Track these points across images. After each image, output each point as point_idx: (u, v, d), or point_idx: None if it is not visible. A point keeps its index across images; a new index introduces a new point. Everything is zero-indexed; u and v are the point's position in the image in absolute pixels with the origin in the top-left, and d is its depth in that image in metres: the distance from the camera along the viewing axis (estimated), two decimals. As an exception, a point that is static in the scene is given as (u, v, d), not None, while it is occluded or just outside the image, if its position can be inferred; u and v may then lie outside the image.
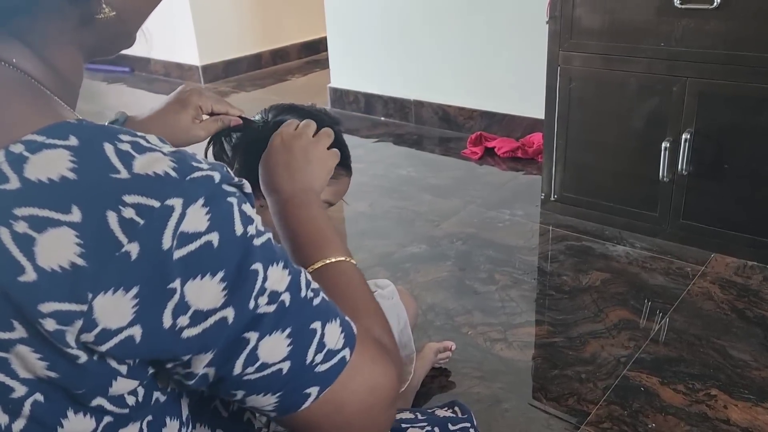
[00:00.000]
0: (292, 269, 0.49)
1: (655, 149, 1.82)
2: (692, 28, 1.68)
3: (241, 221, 0.44)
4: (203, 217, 0.42)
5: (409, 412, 0.98)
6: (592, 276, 1.78)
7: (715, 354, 1.45)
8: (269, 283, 0.46)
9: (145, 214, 0.40)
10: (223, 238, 0.43)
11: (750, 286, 1.69)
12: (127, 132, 0.44)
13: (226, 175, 0.45)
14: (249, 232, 0.45)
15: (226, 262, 0.43)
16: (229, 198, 0.44)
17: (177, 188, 0.42)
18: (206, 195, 0.43)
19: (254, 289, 0.45)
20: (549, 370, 1.44)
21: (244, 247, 0.44)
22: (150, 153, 0.43)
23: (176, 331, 0.42)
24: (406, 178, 2.52)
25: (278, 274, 0.47)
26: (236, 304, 0.44)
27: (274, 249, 0.48)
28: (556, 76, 1.95)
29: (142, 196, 0.40)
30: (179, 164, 0.43)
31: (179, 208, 0.41)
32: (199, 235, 0.42)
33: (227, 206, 0.44)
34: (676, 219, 1.88)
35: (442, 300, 1.71)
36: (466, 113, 2.91)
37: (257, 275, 0.45)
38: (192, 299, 0.42)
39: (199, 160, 0.45)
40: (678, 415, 1.28)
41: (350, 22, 3.20)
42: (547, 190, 2.11)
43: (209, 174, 0.44)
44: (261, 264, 0.45)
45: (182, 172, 0.42)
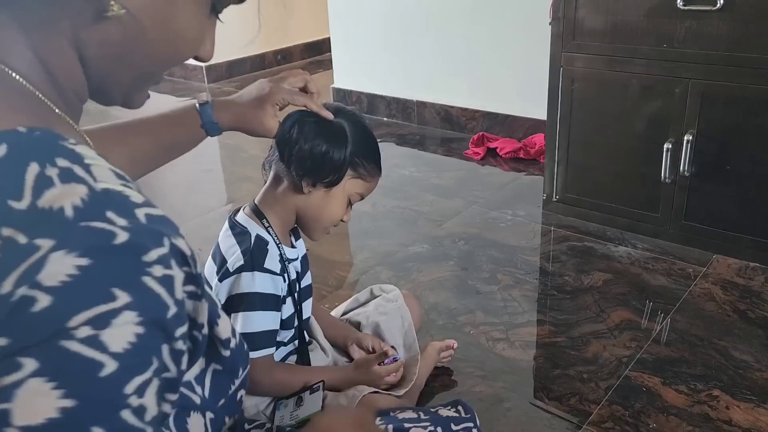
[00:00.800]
0: (68, 416, 0.35)
1: (657, 150, 1.82)
2: (695, 29, 1.68)
3: (94, 319, 0.35)
4: (63, 270, 0.35)
5: (412, 411, 0.99)
6: (593, 276, 1.79)
7: (717, 355, 1.46)
8: (21, 391, 0.34)
9: (5, 249, 0.35)
10: (49, 310, 0.34)
11: (752, 288, 1.70)
12: (74, 156, 0.38)
13: (141, 246, 0.37)
14: (79, 333, 0.35)
15: (14, 333, 0.34)
16: (119, 290, 0.36)
17: (58, 229, 0.35)
18: (90, 251, 0.35)
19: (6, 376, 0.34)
20: (551, 369, 1.44)
21: (50, 338, 0.35)
22: (74, 184, 0.37)
23: None
24: (408, 178, 2.52)
25: (42, 396, 0.35)
26: None
27: (83, 375, 0.35)
28: (558, 77, 1.96)
29: (17, 230, 0.35)
30: (89, 206, 0.37)
31: (43, 250, 0.35)
32: (35, 285, 0.34)
33: (101, 292, 0.35)
34: (678, 220, 1.88)
35: (445, 299, 1.71)
36: (469, 114, 2.91)
37: (16, 369, 0.34)
38: None
39: (130, 215, 0.38)
40: (680, 416, 1.29)
41: (353, 22, 3.21)
42: (549, 191, 2.12)
43: (112, 231, 0.36)
44: (36, 364, 0.35)
45: (82, 215, 0.36)
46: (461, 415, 1.00)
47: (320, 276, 1.84)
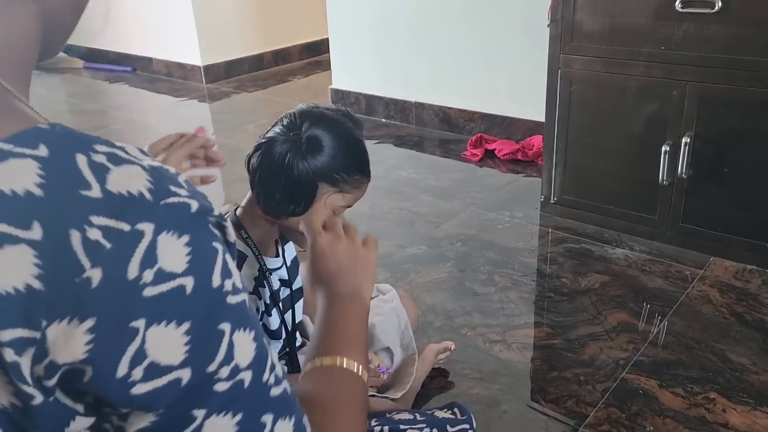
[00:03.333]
0: (259, 343, 0.44)
1: (655, 152, 1.82)
2: (693, 32, 1.68)
3: (221, 272, 0.40)
4: (182, 253, 0.39)
5: (409, 413, 0.99)
6: (591, 278, 1.79)
7: (714, 357, 1.46)
8: (236, 350, 0.41)
9: (113, 238, 0.36)
10: (198, 285, 0.39)
11: (749, 290, 1.70)
12: (104, 141, 0.40)
13: (205, 207, 0.41)
14: (225, 286, 0.41)
15: (194, 314, 0.39)
16: (215, 243, 0.41)
17: (149, 212, 0.38)
18: (181, 226, 0.39)
19: (218, 352, 0.40)
20: (548, 371, 1.44)
21: (217, 301, 0.40)
22: (127, 166, 0.39)
23: (128, 383, 0.38)
24: (406, 179, 2.52)
25: (245, 343, 0.42)
26: (195, 365, 0.39)
27: (247, 313, 0.43)
28: (556, 79, 1.96)
29: (111, 217, 0.37)
30: (156, 185, 0.39)
31: (149, 234, 0.37)
32: (174, 275, 0.38)
33: (211, 252, 0.40)
34: (675, 222, 1.88)
35: (442, 301, 1.71)
36: (467, 115, 2.91)
37: (223, 337, 0.40)
38: (151, 348, 0.38)
39: (179, 183, 0.41)
40: (677, 418, 1.29)
41: (352, 23, 3.21)
42: (546, 193, 2.12)
43: (186, 202, 0.40)
44: (229, 325, 0.41)
45: (157, 195, 0.39)
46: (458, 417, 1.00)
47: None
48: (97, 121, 3.51)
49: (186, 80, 4.27)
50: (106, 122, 3.50)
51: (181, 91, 4.02)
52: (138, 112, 3.72)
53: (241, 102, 3.76)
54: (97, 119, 3.54)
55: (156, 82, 4.30)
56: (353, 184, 1.00)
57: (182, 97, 3.90)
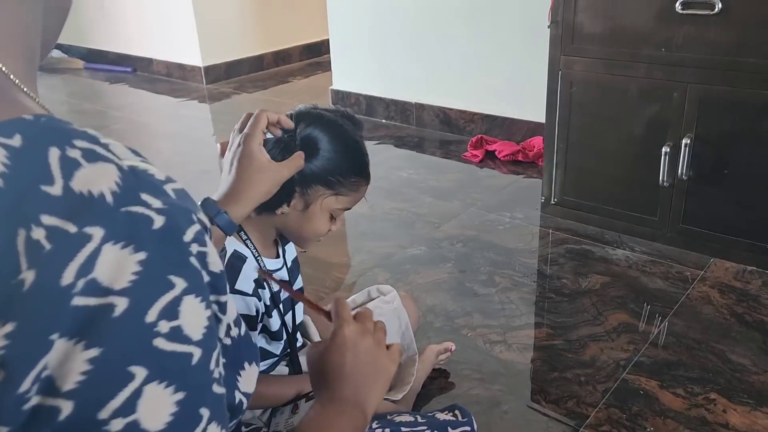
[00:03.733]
0: (187, 413, 0.37)
1: (656, 154, 1.82)
2: (693, 34, 1.69)
3: (163, 310, 0.36)
4: (127, 270, 0.35)
5: (409, 415, 0.99)
6: (591, 279, 1.79)
7: (715, 358, 1.46)
8: (141, 404, 0.35)
9: (56, 239, 0.34)
10: (129, 311, 0.35)
11: (749, 291, 1.70)
12: (90, 137, 0.38)
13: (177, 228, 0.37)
14: (160, 327, 0.36)
15: (110, 342, 0.34)
16: (173, 276, 0.36)
17: (104, 216, 0.35)
18: (138, 241, 0.35)
19: (116, 396, 0.35)
20: (548, 372, 1.44)
21: (142, 339, 0.35)
22: (102, 164, 0.37)
23: (24, 398, 0.34)
24: (406, 180, 2.52)
25: (160, 401, 0.36)
26: (81, 402, 0.34)
27: (179, 370, 0.37)
28: (557, 81, 1.96)
29: (62, 218, 0.34)
30: (124, 188, 0.36)
31: (97, 240, 0.34)
32: (107, 291, 0.34)
33: (162, 284, 0.36)
34: (675, 223, 1.89)
35: (442, 302, 1.71)
36: (467, 116, 2.91)
37: (129, 381, 0.35)
38: (51, 362, 0.34)
39: (159, 192, 0.37)
40: (677, 419, 1.29)
41: (352, 24, 3.21)
42: (547, 194, 2.12)
43: (149, 215, 0.36)
44: (146, 372, 0.35)
45: (120, 200, 0.36)
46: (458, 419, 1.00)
47: (318, 278, 1.84)
48: (97, 121, 3.51)
49: (186, 81, 4.27)
50: (106, 123, 3.50)
51: (181, 92, 4.02)
52: (138, 113, 3.72)
53: (242, 103, 3.76)
54: (97, 120, 3.54)
55: (156, 82, 4.30)
56: (350, 186, 0.99)
57: (182, 98, 3.90)
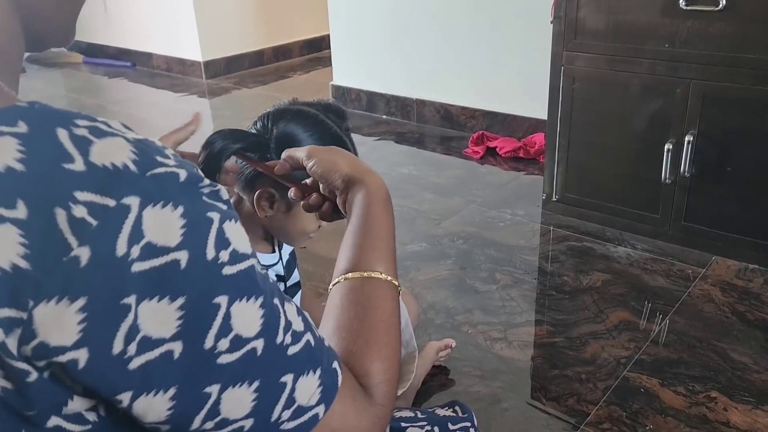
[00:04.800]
0: (268, 308, 0.43)
1: (658, 151, 1.81)
2: (697, 29, 1.68)
3: (216, 243, 0.39)
4: (175, 226, 0.38)
5: (410, 410, 0.98)
6: (592, 277, 1.78)
7: (716, 356, 1.45)
8: (234, 321, 0.40)
9: (99, 215, 0.36)
10: (192, 259, 0.38)
11: (751, 289, 1.69)
12: (85, 116, 0.40)
13: (195, 176, 0.40)
14: (221, 258, 0.40)
15: (189, 289, 0.38)
16: (210, 213, 0.40)
17: (135, 185, 0.37)
18: (172, 197, 0.38)
19: (212, 326, 0.39)
20: (549, 370, 1.44)
21: (213, 274, 0.39)
22: (111, 138, 0.39)
23: (124, 359, 0.37)
24: (407, 176, 2.51)
25: (248, 312, 0.41)
26: (186, 339, 0.38)
27: (250, 280, 0.42)
28: (559, 77, 1.95)
29: (96, 193, 0.36)
30: (141, 156, 0.38)
31: (135, 208, 0.37)
32: (166, 250, 0.37)
33: (206, 222, 0.39)
34: (677, 221, 1.88)
35: (443, 299, 1.71)
36: (469, 112, 2.90)
37: (218, 311, 0.39)
38: (143, 323, 0.37)
39: (165, 154, 0.40)
40: (678, 417, 1.28)
41: (353, 19, 3.20)
42: (548, 191, 2.11)
43: (174, 171, 0.39)
44: (227, 297, 0.40)
45: (143, 166, 0.38)
46: (459, 415, 1.00)
47: (317, 273, 1.83)
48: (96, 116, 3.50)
49: (186, 76, 4.26)
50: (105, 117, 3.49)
51: (181, 87, 4.01)
52: (137, 108, 3.71)
53: (241, 98, 3.75)
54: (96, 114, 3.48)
55: (156, 77, 4.29)
56: None
57: (182, 93, 3.89)
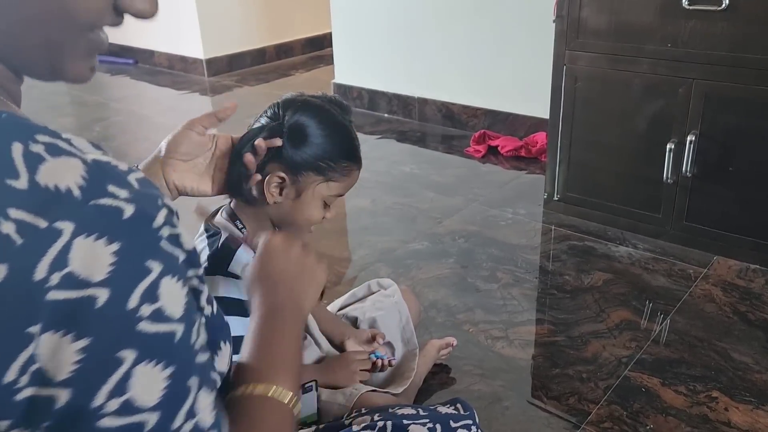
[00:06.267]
0: (178, 384, 0.39)
1: (660, 150, 1.81)
2: (699, 29, 1.67)
3: (142, 294, 0.37)
4: (104, 262, 0.36)
5: (411, 408, 0.98)
6: (594, 276, 1.78)
7: (717, 356, 1.45)
8: (132, 383, 0.37)
9: (26, 233, 0.34)
10: (110, 301, 0.36)
11: (752, 289, 1.69)
12: (51, 132, 0.38)
13: (147, 216, 0.38)
14: (141, 311, 0.37)
15: (97, 331, 0.36)
16: (151, 261, 0.38)
17: (73, 210, 0.35)
18: (111, 231, 0.36)
19: (107, 381, 0.36)
20: (550, 368, 1.44)
21: (127, 324, 0.37)
22: (66, 158, 0.37)
23: (13, 390, 0.35)
24: (409, 175, 2.51)
25: (151, 379, 0.38)
26: (76, 387, 0.36)
27: (166, 348, 0.39)
28: (561, 76, 1.95)
29: (30, 212, 0.35)
30: (90, 182, 0.36)
31: (67, 234, 0.35)
32: (86, 284, 0.35)
33: (140, 269, 0.37)
34: (679, 221, 1.88)
35: (444, 297, 1.71)
36: (470, 111, 2.90)
37: (119, 365, 0.37)
38: (41, 355, 0.35)
39: (124, 183, 0.38)
40: (679, 417, 1.28)
41: (355, 18, 3.19)
42: (550, 190, 2.11)
43: (119, 206, 0.37)
44: (134, 354, 0.37)
45: (88, 193, 0.36)
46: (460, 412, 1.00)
47: (319, 271, 1.83)
48: (98, 113, 3.50)
49: (188, 73, 4.25)
50: (107, 114, 3.49)
51: (183, 84, 4.01)
52: (139, 105, 3.71)
53: (243, 96, 3.75)
54: (98, 111, 3.53)
55: (157, 74, 4.29)
56: (341, 171, 0.99)
57: (184, 90, 3.89)
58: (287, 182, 0.97)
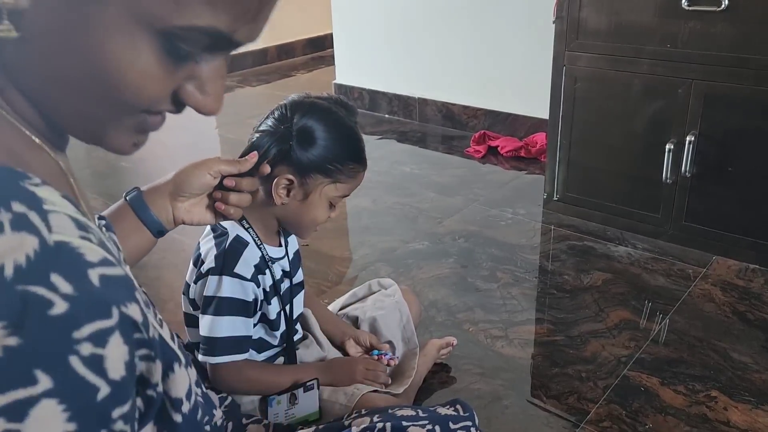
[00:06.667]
0: None
1: (659, 151, 1.82)
2: (699, 30, 1.68)
3: (9, 410, 0.31)
4: None
5: (411, 409, 0.99)
6: (593, 276, 1.78)
7: (716, 356, 1.46)
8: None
9: None
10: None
11: (751, 289, 1.70)
12: (32, 200, 0.35)
13: (74, 320, 0.33)
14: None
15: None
16: (41, 372, 0.32)
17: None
18: (19, 325, 0.32)
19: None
20: (549, 368, 1.44)
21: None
22: (23, 234, 0.34)
23: None
24: (409, 175, 2.52)
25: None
26: None
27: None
28: (561, 76, 1.95)
29: None
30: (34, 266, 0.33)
31: None
32: None
33: (25, 379, 0.32)
34: (678, 221, 1.88)
35: (444, 297, 1.71)
36: (470, 112, 2.91)
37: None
38: None
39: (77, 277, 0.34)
40: (678, 416, 1.29)
41: (356, 19, 3.20)
42: (549, 190, 2.12)
43: (50, 300, 0.33)
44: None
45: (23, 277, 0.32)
46: (460, 413, 1.00)
47: (320, 271, 1.84)
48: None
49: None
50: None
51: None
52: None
53: (245, 96, 3.76)
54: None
55: (159, 75, 4.29)
56: (348, 173, 1.01)
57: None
58: (295, 184, 0.99)
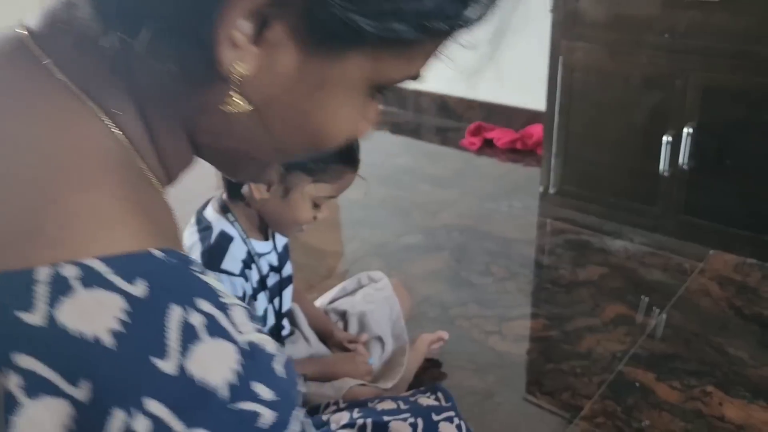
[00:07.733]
0: None
1: (657, 143, 1.79)
2: (698, 21, 1.65)
3: None
4: None
5: (392, 400, 0.96)
6: (589, 270, 1.76)
7: (712, 351, 1.44)
8: None
9: None
10: None
11: (748, 284, 1.68)
12: (211, 293, 0.32)
13: (284, 423, 0.32)
14: None
15: None
16: None
17: (212, 416, 0.30)
18: None
19: None
20: (544, 363, 1.42)
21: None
22: (221, 341, 0.31)
23: None
24: (403, 167, 2.49)
25: None
26: None
27: None
28: (558, 67, 1.93)
29: (171, 407, 0.29)
30: (241, 378, 0.31)
31: None
32: None
33: None
34: (675, 214, 1.86)
35: (437, 291, 1.69)
36: (466, 103, 2.88)
37: None
38: None
39: (270, 379, 0.32)
40: (673, 412, 1.27)
41: (351, 8, 3.16)
42: (546, 183, 2.09)
43: (258, 412, 0.31)
44: None
45: (236, 395, 0.30)
46: (441, 403, 0.97)
47: (310, 265, 1.81)
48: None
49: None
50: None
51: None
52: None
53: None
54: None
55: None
56: (332, 174, 0.97)
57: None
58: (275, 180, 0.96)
